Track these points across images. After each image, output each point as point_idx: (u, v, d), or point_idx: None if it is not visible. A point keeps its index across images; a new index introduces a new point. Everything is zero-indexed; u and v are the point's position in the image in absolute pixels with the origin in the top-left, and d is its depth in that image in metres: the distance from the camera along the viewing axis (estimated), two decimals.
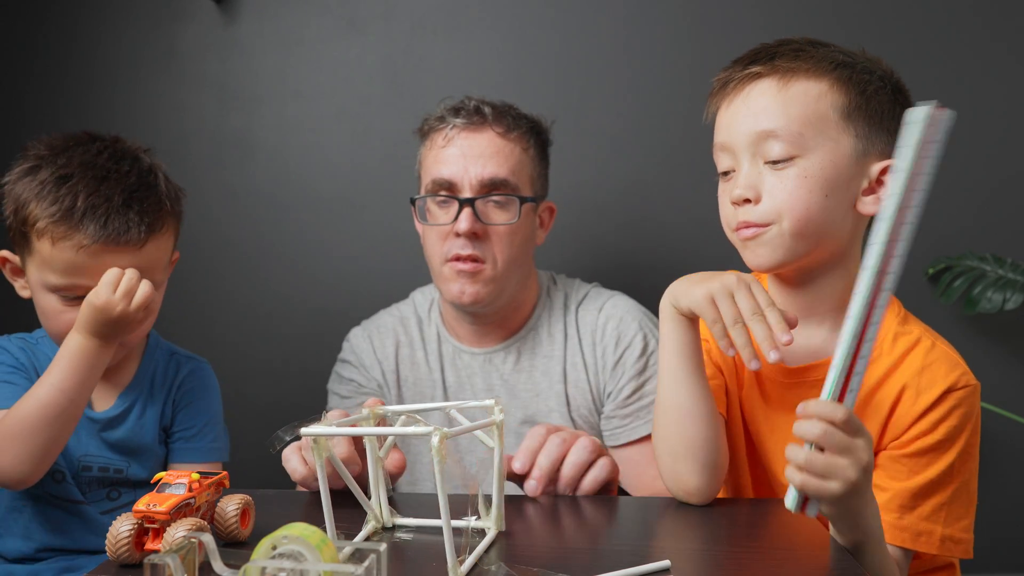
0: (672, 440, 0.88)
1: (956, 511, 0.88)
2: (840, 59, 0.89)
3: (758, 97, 0.89)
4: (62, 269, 1.01)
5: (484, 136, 1.20)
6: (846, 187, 0.88)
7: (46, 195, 1.01)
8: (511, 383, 1.27)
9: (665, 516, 0.86)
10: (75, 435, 1.06)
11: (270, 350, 1.69)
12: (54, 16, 1.68)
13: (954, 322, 1.60)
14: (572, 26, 1.64)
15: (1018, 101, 1.58)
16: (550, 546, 0.75)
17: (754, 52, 0.92)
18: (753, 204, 0.88)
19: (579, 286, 1.33)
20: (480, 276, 1.20)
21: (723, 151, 0.92)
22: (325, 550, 0.54)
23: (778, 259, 0.89)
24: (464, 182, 1.19)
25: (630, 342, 1.24)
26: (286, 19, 1.67)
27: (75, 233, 0.99)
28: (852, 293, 0.73)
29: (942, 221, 1.60)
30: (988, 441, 1.59)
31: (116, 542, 0.68)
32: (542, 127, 1.28)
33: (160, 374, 1.15)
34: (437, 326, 1.33)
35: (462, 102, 1.23)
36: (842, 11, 1.59)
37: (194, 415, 1.15)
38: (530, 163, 1.24)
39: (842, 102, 0.88)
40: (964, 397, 0.88)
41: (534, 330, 1.29)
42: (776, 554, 0.74)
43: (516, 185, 1.21)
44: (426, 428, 0.63)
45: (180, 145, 1.67)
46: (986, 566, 1.59)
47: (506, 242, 1.20)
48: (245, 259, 1.69)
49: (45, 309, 1.04)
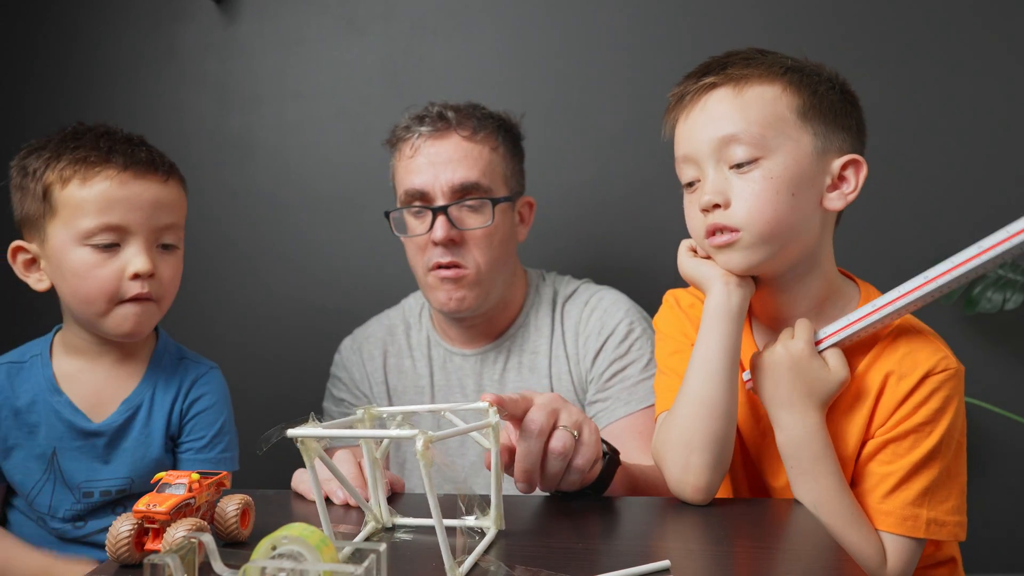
0: (693, 432, 0.89)
1: (940, 494, 0.89)
2: (789, 63, 0.92)
3: (716, 105, 0.91)
4: (95, 207, 1.01)
5: (450, 141, 1.20)
6: (810, 185, 0.90)
7: (64, 151, 1.03)
8: (503, 382, 1.28)
9: (665, 516, 0.86)
10: (73, 461, 1.05)
11: (269, 350, 1.69)
12: (54, 16, 1.68)
13: (954, 322, 1.60)
14: (571, 26, 1.64)
15: (1018, 101, 1.58)
16: (550, 546, 0.75)
17: (705, 65, 0.94)
18: (723, 208, 0.90)
19: (568, 282, 1.34)
20: (464, 281, 1.20)
21: (686, 163, 0.94)
22: (325, 550, 0.54)
23: (751, 262, 0.91)
24: (436, 190, 1.19)
25: (613, 329, 1.24)
26: (286, 19, 1.67)
27: (104, 166, 1.02)
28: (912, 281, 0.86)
29: (942, 221, 1.60)
30: (988, 441, 1.60)
31: (116, 542, 0.68)
32: (510, 123, 1.27)
33: (166, 380, 1.12)
34: (428, 331, 1.34)
35: (426, 109, 1.23)
36: (841, 12, 1.59)
37: (205, 425, 1.12)
38: (501, 162, 1.23)
39: (797, 103, 0.90)
40: (945, 380, 0.89)
41: (523, 327, 1.30)
42: (776, 554, 0.74)
43: (488, 187, 1.20)
44: (411, 432, 0.62)
45: (180, 145, 1.66)
46: (986, 566, 1.59)
47: (485, 245, 1.21)
48: (245, 259, 1.69)
49: (77, 269, 1.02)
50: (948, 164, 1.59)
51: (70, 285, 1.04)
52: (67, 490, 1.06)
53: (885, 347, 0.92)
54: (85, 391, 1.08)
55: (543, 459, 0.84)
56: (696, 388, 0.90)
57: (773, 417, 0.91)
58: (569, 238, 1.64)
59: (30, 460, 1.06)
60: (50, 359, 1.10)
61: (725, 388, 0.89)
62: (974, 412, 1.53)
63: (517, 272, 1.31)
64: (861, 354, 0.92)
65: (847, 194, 0.91)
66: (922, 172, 1.59)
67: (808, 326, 0.91)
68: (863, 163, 0.91)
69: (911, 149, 1.58)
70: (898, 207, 1.59)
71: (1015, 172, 1.59)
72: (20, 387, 1.08)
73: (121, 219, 1.02)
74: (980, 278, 1.52)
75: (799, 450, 0.88)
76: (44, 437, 1.06)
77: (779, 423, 0.90)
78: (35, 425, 1.06)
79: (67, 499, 1.06)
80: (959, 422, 0.90)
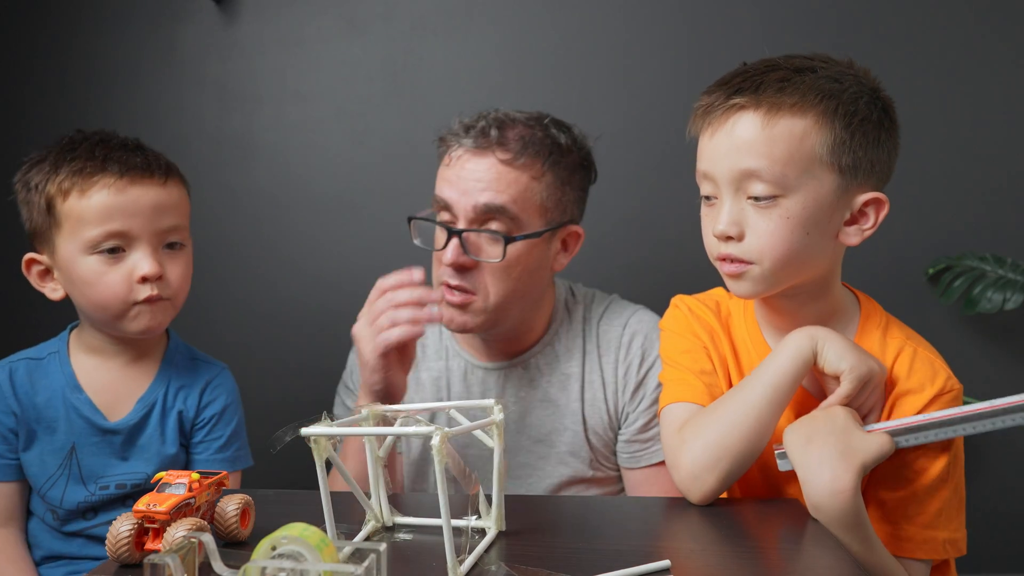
0: (725, 447, 0.87)
1: (950, 513, 0.90)
2: (826, 89, 0.87)
3: (742, 131, 0.87)
4: (96, 217, 1.03)
5: (486, 162, 1.12)
6: (827, 221, 0.88)
7: (61, 163, 1.05)
8: (526, 400, 1.23)
9: (665, 516, 0.86)
10: (92, 456, 1.08)
11: (270, 350, 1.69)
12: (54, 16, 1.68)
13: (954, 322, 1.60)
14: (572, 26, 1.64)
15: (1018, 101, 1.58)
16: (550, 546, 0.75)
17: (739, 79, 0.89)
18: (736, 241, 0.89)
19: (599, 299, 1.28)
20: (469, 308, 1.14)
21: (706, 179, 0.92)
22: (325, 550, 0.54)
23: (759, 291, 0.91)
24: (459, 209, 1.12)
25: (653, 363, 1.20)
26: (286, 19, 1.67)
27: (101, 175, 1.04)
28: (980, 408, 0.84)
29: (942, 221, 1.60)
30: (987, 442, 1.60)
31: (116, 542, 0.68)
32: (566, 148, 1.17)
33: (180, 378, 1.14)
34: (448, 339, 1.28)
35: (477, 117, 1.16)
36: (840, 13, 1.59)
37: (223, 425, 1.15)
38: (543, 190, 1.14)
39: (827, 138, 0.86)
40: (950, 401, 0.90)
41: (550, 345, 1.23)
42: (776, 554, 0.74)
43: (516, 215, 1.12)
44: (427, 428, 0.63)
45: (180, 145, 1.66)
46: (985, 566, 1.59)
47: (501, 275, 1.13)
48: (245, 259, 1.69)
49: (87, 277, 1.05)
50: (948, 163, 1.59)
51: (82, 293, 1.06)
52: (82, 484, 1.08)
53: (888, 371, 0.91)
54: (101, 389, 1.11)
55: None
56: (748, 411, 0.87)
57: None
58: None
59: (47, 454, 1.08)
60: (68, 357, 1.12)
61: (775, 419, 0.87)
62: None
63: (545, 296, 1.23)
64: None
65: (864, 230, 0.89)
66: (922, 172, 1.59)
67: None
68: (885, 202, 0.89)
69: (911, 150, 1.58)
70: (898, 206, 1.59)
71: (1015, 172, 1.59)
72: (39, 383, 1.10)
73: (123, 225, 1.04)
74: (980, 278, 1.52)
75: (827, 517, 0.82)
76: (63, 432, 1.08)
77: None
78: (54, 420, 1.08)
79: (80, 492, 1.08)
80: (962, 440, 0.91)
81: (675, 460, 0.90)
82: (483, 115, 1.16)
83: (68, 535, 1.09)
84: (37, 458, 1.09)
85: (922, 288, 1.60)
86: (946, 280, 1.55)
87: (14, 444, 1.09)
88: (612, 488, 1.23)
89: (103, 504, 1.09)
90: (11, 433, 1.09)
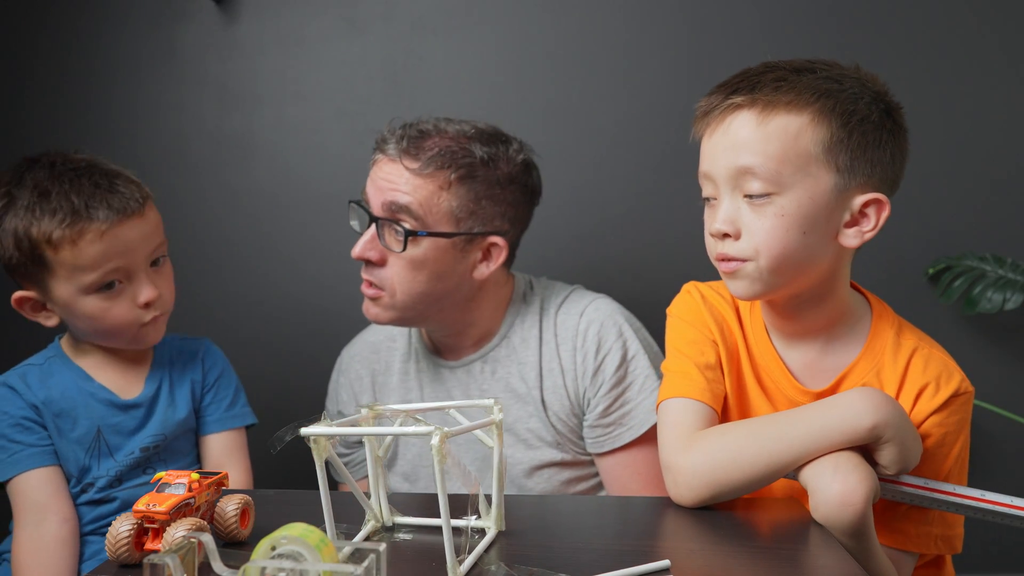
0: (734, 478, 0.84)
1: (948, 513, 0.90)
2: (824, 88, 0.87)
3: (738, 130, 0.87)
4: (92, 263, 1.07)
5: (397, 168, 1.18)
6: (825, 222, 0.87)
7: (42, 213, 1.06)
8: (490, 392, 1.26)
9: (665, 516, 0.86)
10: (115, 434, 1.15)
11: (270, 350, 1.68)
12: (54, 16, 1.68)
13: (954, 322, 1.60)
14: (572, 26, 1.64)
15: (1018, 101, 1.58)
16: (550, 546, 0.75)
17: (736, 79, 0.90)
18: (732, 239, 0.89)
19: (559, 289, 1.31)
20: (379, 302, 1.21)
21: (706, 179, 0.92)
22: (324, 550, 0.54)
23: (756, 291, 0.90)
24: (374, 204, 1.20)
25: (609, 349, 1.22)
26: (286, 19, 1.67)
27: (90, 224, 1.06)
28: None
29: (942, 221, 1.60)
30: (988, 441, 1.60)
31: (116, 542, 0.68)
32: (484, 164, 1.18)
33: (177, 353, 1.23)
34: (415, 342, 1.33)
35: (404, 127, 1.20)
36: (840, 14, 1.59)
37: (226, 387, 1.25)
38: (452, 199, 1.17)
39: (823, 136, 0.85)
40: (963, 403, 0.90)
41: (507, 338, 1.27)
42: (776, 554, 0.74)
43: (421, 216, 1.16)
44: (427, 428, 0.63)
45: (180, 145, 1.67)
46: (984, 566, 1.59)
47: (407, 275, 1.18)
48: (245, 259, 1.69)
49: (92, 313, 1.10)
50: (948, 163, 1.59)
51: (88, 325, 1.13)
52: (111, 457, 1.15)
53: (904, 372, 0.91)
54: (110, 377, 1.18)
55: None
56: (780, 457, 0.84)
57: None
58: (568, 239, 1.64)
59: (71, 443, 1.14)
60: (68, 358, 1.18)
61: (784, 472, 0.85)
62: (974, 412, 1.53)
63: (481, 299, 1.25)
64: (877, 379, 0.92)
65: (865, 232, 0.88)
66: (922, 172, 1.59)
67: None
68: (886, 203, 0.88)
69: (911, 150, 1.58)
70: (898, 206, 1.59)
71: (1015, 172, 1.59)
72: (49, 381, 1.15)
73: (118, 264, 1.09)
74: (980, 278, 1.52)
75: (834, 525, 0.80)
76: (84, 420, 1.14)
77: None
78: (73, 410, 1.14)
79: (109, 464, 1.15)
80: (968, 442, 0.92)
81: (672, 460, 0.88)
82: (412, 123, 1.21)
83: (92, 523, 1.15)
84: (65, 450, 1.14)
85: (922, 288, 1.60)
86: (946, 280, 1.55)
87: (43, 433, 1.13)
88: (585, 471, 1.26)
89: (127, 471, 1.16)
90: (37, 425, 1.13)
